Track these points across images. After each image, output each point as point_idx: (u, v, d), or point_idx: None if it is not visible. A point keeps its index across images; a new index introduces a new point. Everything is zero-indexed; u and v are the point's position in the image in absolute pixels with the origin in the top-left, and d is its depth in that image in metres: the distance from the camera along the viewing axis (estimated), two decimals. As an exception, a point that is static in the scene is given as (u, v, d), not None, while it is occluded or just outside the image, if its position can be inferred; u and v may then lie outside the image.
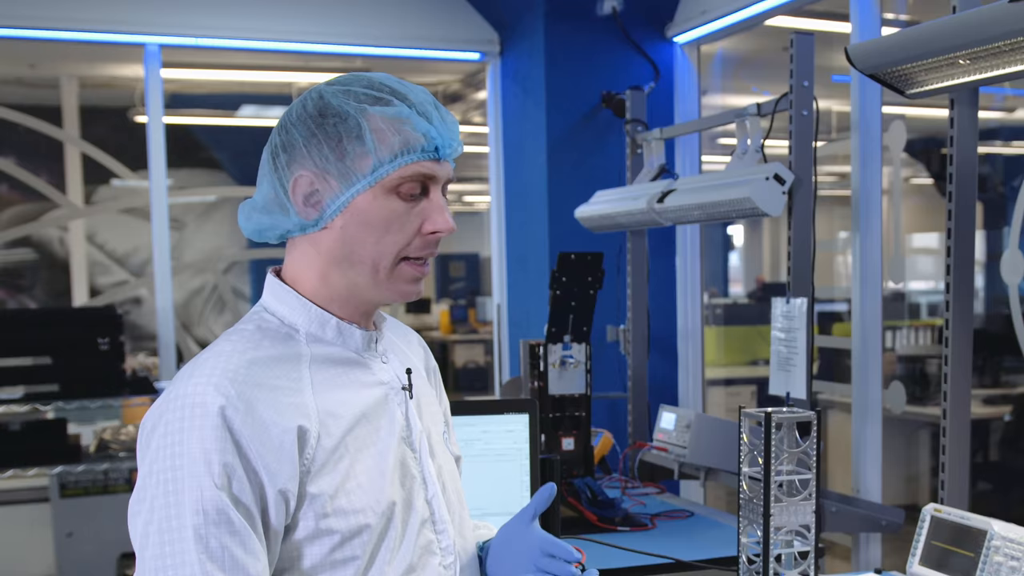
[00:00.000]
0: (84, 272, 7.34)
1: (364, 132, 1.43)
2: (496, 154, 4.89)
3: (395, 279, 1.48)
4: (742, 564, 2.26)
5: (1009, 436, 5.55)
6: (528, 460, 2.47)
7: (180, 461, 1.31)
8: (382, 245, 1.46)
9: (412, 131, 1.44)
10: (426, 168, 1.46)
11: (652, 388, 4.09)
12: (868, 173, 3.35)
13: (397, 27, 4.66)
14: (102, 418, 5.02)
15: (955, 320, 2.52)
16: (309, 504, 1.39)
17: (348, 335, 1.52)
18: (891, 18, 4.03)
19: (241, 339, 1.46)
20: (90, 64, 6.44)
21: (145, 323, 7.87)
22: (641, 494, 3.47)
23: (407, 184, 1.45)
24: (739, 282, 11.16)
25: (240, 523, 1.31)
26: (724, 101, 5.12)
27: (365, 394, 1.50)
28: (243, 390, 1.35)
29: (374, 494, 1.44)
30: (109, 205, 7.08)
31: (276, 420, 1.36)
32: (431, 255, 1.51)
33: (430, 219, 1.47)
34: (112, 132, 6.86)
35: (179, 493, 1.30)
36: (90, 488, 4.51)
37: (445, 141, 1.47)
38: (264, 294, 1.55)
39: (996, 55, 2.18)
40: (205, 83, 6.65)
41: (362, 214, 1.45)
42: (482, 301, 10.80)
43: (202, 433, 1.32)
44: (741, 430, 2.24)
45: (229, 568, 1.30)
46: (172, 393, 1.37)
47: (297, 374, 1.44)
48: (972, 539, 2.17)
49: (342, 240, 1.46)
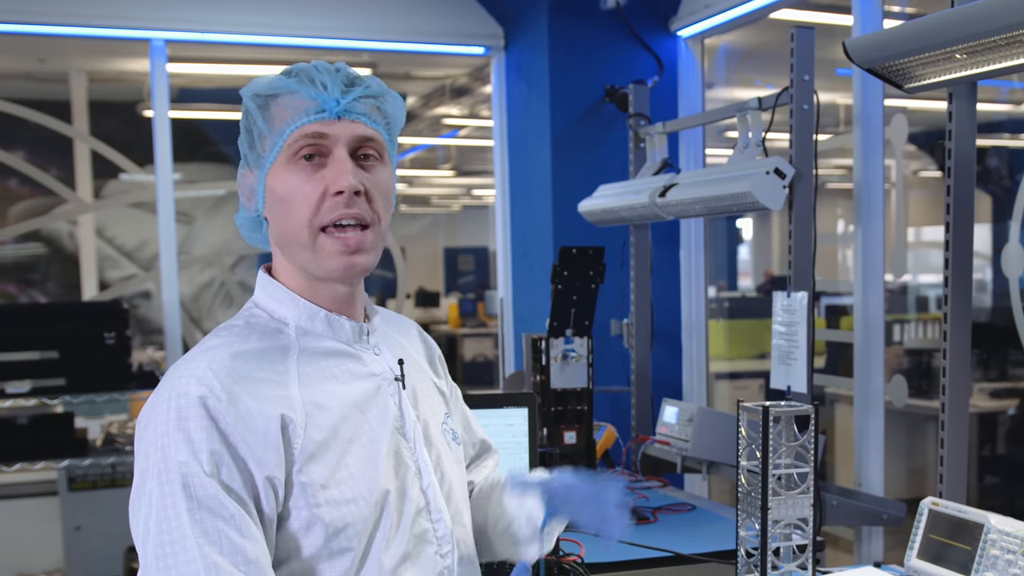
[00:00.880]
0: (94, 266, 7.37)
1: (258, 116, 1.48)
2: (501, 148, 4.90)
3: (320, 253, 1.48)
4: (740, 557, 2.26)
5: (1016, 429, 5.53)
6: (528, 454, 2.47)
7: (169, 451, 1.34)
8: (294, 217, 1.47)
9: (299, 99, 1.47)
10: (312, 128, 1.47)
11: (656, 382, 4.09)
12: (870, 166, 3.34)
13: (402, 22, 4.67)
14: (109, 412, 5.05)
15: (953, 313, 2.52)
16: (300, 494, 1.40)
17: (338, 327, 1.55)
18: (894, 11, 4.01)
19: (230, 334, 1.49)
20: (99, 59, 6.46)
21: (154, 317, 7.90)
22: (644, 488, 3.48)
23: (302, 148, 1.47)
24: (748, 275, 11.14)
25: (234, 508, 1.33)
26: (729, 95, 5.11)
27: (356, 385, 1.52)
28: (226, 382, 1.38)
29: (366, 483, 1.46)
30: (118, 199, 7.10)
31: (259, 410, 1.39)
32: (346, 218, 1.47)
33: (332, 180, 1.47)
34: (121, 127, 6.89)
35: (171, 483, 1.33)
36: (98, 482, 4.53)
37: (330, 99, 1.47)
38: (256, 290, 1.58)
39: (993, 49, 2.18)
40: (214, 77, 6.66)
41: (273, 192, 1.49)
42: (491, 295, 10.79)
43: (187, 423, 1.35)
44: (740, 424, 2.25)
45: (228, 552, 1.32)
46: (160, 389, 1.41)
47: (283, 367, 1.46)
48: (969, 532, 2.18)
49: (273, 223, 1.52)
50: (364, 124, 1.50)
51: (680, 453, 3.52)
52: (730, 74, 5.05)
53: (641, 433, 3.93)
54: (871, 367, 3.37)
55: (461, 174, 10.63)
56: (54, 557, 4.75)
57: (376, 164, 1.52)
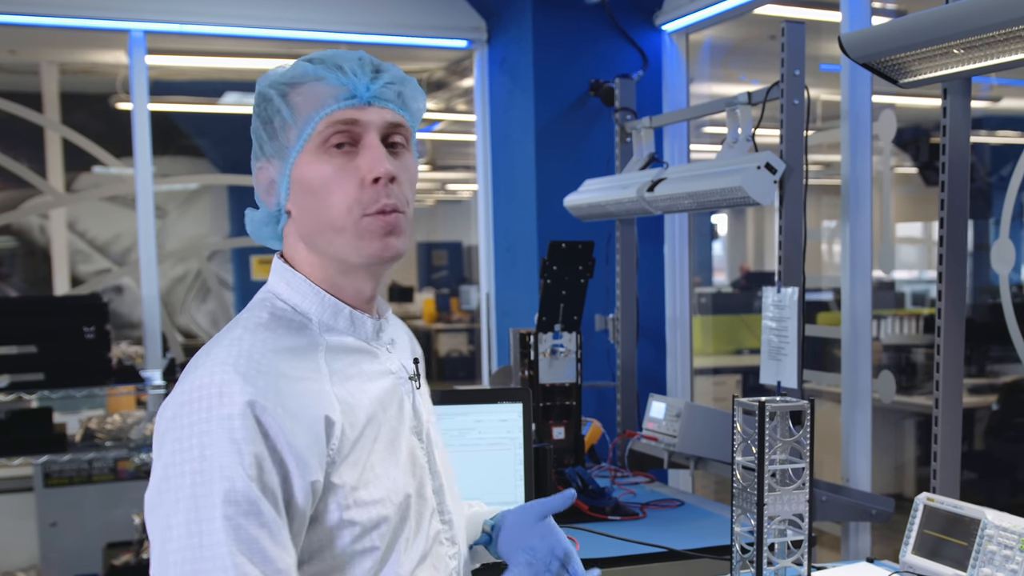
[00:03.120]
0: (65, 260, 7.29)
1: (281, 105, 1.44)
2: (483, 142, 4.88)
3: (361, 237, 1.43)
4: (735, 553, 2.25)
5: (994, 425, 5.57)
6: (522, 449, 2.46)
7: (209, 451, 1.27)
8: (330, 207, 1.43)
9: (325, 86, 1.43)
10: (344, 115, 1.43)
11: (640, 377, 4.08)
12: (858, 162, 3.35)
13: (383, 15, 4.63)
14: (86, 407, 4.99)
15: (947, 309, 2.52)
16: (332, 495, 1.36)
17: (360, 324, 1.50)
18: (877, 7, 4.02)
19: (259, 327, 1.43)
20: (71, 50, 6.39)
21: (126, 311, 7.84)
22: (631, 483, 3.47)
23: (333, 136, 1.43)
24: (723, 271, 11.18)
25: (270, 514, 1.28)
26: (711, 90, 5.11)
27: (376, 384, 1.48)
28: (270, 381, 1.32)
29: (390, 485, 1.43)
30: (91, 193, 7.03)
31: (303, 411, 1.34)
32: (389, 206, 1.44)
33: (367, 167, 1.43)
34: (93, 119, 6.81)
35: (209, 484, 1.26)
36: (74, 478, 4.49)
37: (361, 85, 1.44)
38: (271, 279, 1.52)
39: (991, 44, 2.18)
40: (187, 70, 6.60)
41: (303, 183, 1.44)
42: (465, 290, 10.78)
43: (231, 423, 1.28)
44: (735, 419, 2.24)
45: (259, 561, 1.26)
46: (195, 382, 1.33)
47: (315, 364, 1.41)
48: (965, 528, 2.18)
49: (301, 216, 1.46)
50: (392, 110, 1.46)
51: (667, 449, 3.51)
52: (714, 70, 5.05)
53: (627, 428, 3.92)
54: (858, 363, 3.37)
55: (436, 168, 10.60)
56: (30, 554, 4.69)
57: (404, 151, 1.49)
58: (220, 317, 8.50)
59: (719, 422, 3.38)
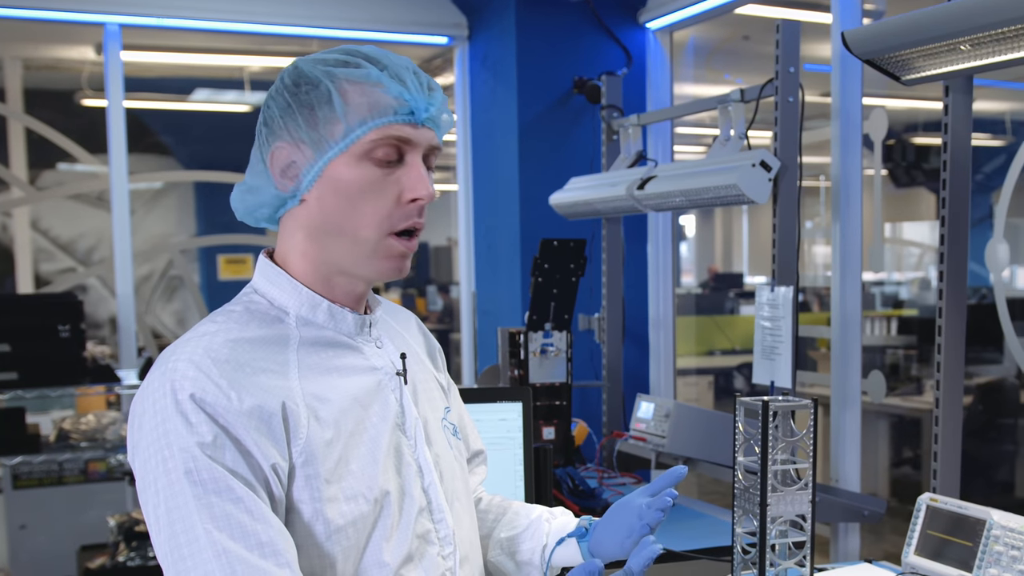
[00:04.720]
0: (29, 259, 7.17)
1: (334, 97, 1.40)
2: (464, 140, 4.83)
3: (379, 254, 1.43)
4: (736, 554, 2.23)
5: (971, 426, 5.60)
6: (521, 449, 2.42)
7: (170, 438, 1.30)
8: (359, 215, 1.42)
9: (384, 94, 1.41)
10: (400, 131, 1.41)
11: (624, 377, 4.06)
12: (848, 162, 3.34)
13: (362, 9, 4.57)
14: (58, 407, 4.91)
15: (948, 309, 2.51)
16: (305, 486, 1.36)
17: (340, 319, 1.49)
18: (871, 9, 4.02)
19: (228, 320, 1.44)
20: (35, 46, 6.28)
21: (91, 311, 7.72)
22: (618, 484, 3.44)
23: (381, 149, 1.41)
24: (690, 273, 11.21)
25: (242, 490, 1.29)
26: (694, 90, 5.10)
27: (357, 379, 1.47)
28: (225, 370, 1.34)
29: (366, 481, 1.42)
30: (55, 191, 6.91)
31: (258, 400, 1.34)
32: (416, 227, 1.45)
33: (409, 187, 1.42)
34: (57, 115, 6.69)
35: (175, 471, 1.29)
36: (44, 479, 4.40)
37: (420, 104, 1.42)
38: (255, 275, 1.52)
39: (1000, 41, 2.16)
40: (155, 66, 6.51)
41: (336, 182, 1.42)
42: (432, 291, 10.74)
43: (185, 408, 1.30)
44: (737, 419, 2.22)
45: (239, 536, 1.28)
46: (156, 374, 1.36)
47: (283, 357, 1.42)
48: (970, 528, 2.17)
49: (320, 212, 1.44)
50: (435, 134, 1.46)
51: (656, 449, 3.49)
52: (697, 71, 5.04)
53: (614, 429, 3.89)
54: (848, 363, 3.37)
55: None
56: (-2, 557, 4.59)
57: (430, 174, 1.49)
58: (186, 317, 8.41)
59: (708, 422, 3.36)
